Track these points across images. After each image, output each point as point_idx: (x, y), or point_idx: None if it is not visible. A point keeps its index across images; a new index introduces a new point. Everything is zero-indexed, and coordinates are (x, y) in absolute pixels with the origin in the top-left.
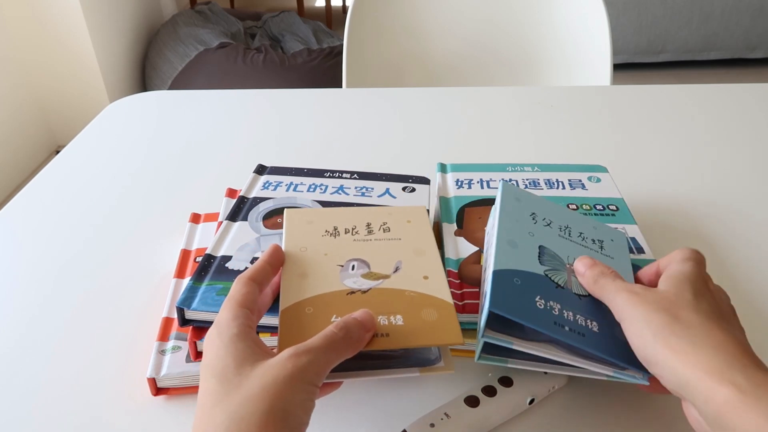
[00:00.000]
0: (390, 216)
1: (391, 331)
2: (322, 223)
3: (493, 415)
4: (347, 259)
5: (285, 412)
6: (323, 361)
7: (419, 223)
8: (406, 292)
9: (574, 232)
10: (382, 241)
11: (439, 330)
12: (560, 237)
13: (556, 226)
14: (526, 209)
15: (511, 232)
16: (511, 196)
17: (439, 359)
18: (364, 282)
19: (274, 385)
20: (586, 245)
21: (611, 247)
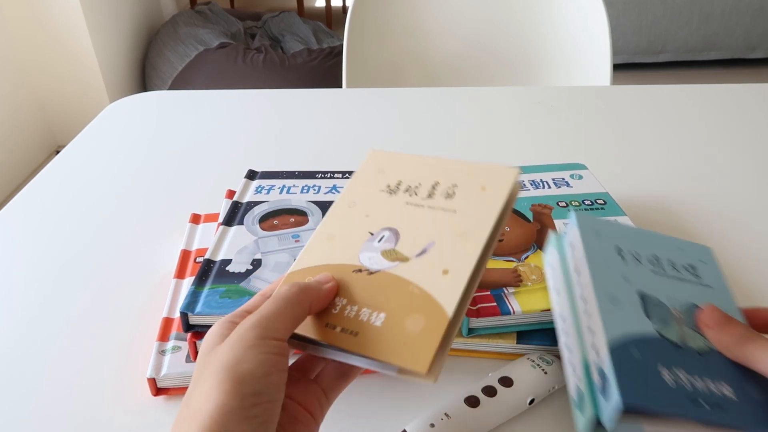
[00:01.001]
0: (468, 177)
1: (363, 330)
2: (392, 173)
3: (493, 415)
4: (381, 227)
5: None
6: (275, 313)
7: (494, 192)
8: (411, 287)
9: (664, 261)
10: (434, 210)
11: (411, 348)
12: (654, 274)
13: (644, 258)
14: (609, 244)
15: (608, 283)
16: (590, 230)
17: None
18: (379, 260)
19: (228, 346)
20: (683, 277)
21: (705, 271)
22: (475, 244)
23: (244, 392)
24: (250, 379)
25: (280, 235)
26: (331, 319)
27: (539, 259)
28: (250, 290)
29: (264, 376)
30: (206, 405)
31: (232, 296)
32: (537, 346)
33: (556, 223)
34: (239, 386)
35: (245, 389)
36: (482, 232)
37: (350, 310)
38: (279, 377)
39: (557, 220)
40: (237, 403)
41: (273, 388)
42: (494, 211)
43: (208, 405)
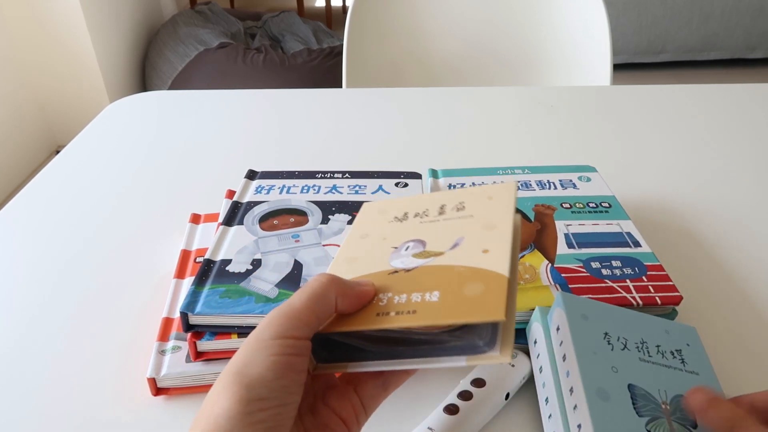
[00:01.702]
0: (470, 195)
1: (420, 307)
2: (394, 210)
3: (475, 418)
4: (404, 241)
5: (235, 370)
6: (297, 308)
7: (502, 199)
8: (456, 268)
9: (651, 346)
10: (451, 220)
11: (477, 305)
12: (642, 361)
13: (632, 344)
14: (596, 329)
15: (596, 375)
16: (577, 315)
17: (491, 344)
18: (412, 261)
19: (244, 345)
20: (669, 364)
21: (691, 356)
22: (505, 228)
23: (250, 397)
24: (258, 383)
25: (280, 235)
26: (380, 309)
27: (535, 258)
28: (250, 290)
29: (274, 380)
30: (213, 409)
31: (232, 296)
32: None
33: (557, 224)
34: (245, 391)
35: (251, 394)
36: (507, 220)
37: (399, 298)
38: (292, 380)
39: (558, 221)
40: (242, 408)
41: (284, 392)
42: (510, 207)
43: (215, 409)
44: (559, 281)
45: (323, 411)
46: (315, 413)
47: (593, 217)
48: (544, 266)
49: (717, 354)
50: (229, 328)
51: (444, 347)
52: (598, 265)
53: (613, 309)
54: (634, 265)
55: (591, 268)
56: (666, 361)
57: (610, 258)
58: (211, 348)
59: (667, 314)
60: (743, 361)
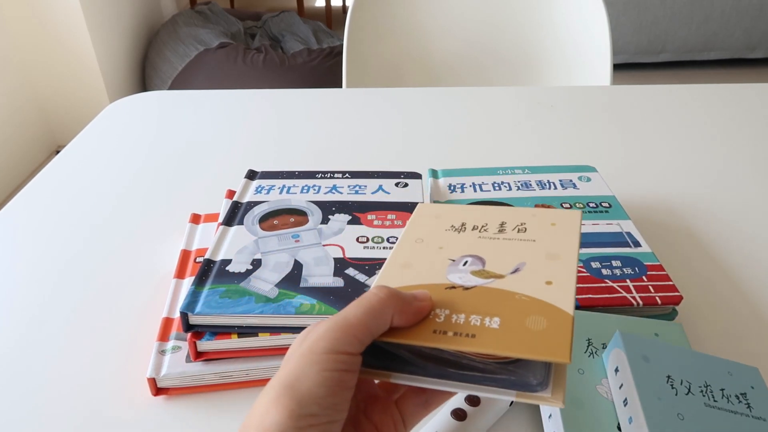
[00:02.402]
0: (533, 217)
1: (480, 332)
2: (450, 218)
3: (480, 423)
4: (462, 254)
5: (287, 383)
6: (352, 323)
7: (566, 227)
8: (517, 295)
9: (716, 390)
10: (512, 241)
11: (542, 341)
12: (707, 407)
13: (696, 388)
14: (659, 372)
15: (662, 423)
16: (638, 356)
17: (544, 385)
18: (471, 278)
19: (296, 357)
20: (735, 409)
21: (756, 399)
22: (570, 260)
23: (301, 413)
24: (309, 399)
25: (280, 235)
26: (436, 326)
27: None
28: (250, 290)
29: (325, 397)
30: (263, 420)
31: (232, 296)
32: None
33: None
34: (297, 407)
35: (302, 410)
36: (572, 252)
37: (457, 317)
38: (342, 397)
39: None
40: (292, 423)
41: (333, 410)
42: (575, 237)
43: (265, 421)
44: None
45: (364, 424)
46: (356, 425)
47: (593, 217)
48: None
49: (717, 354)
50: (229, 328)
51: (494, 378)
52: (598, 265)
53: (673, 349)
54: (634, 265)
55: (591, 268)
56: (731, 406)
57: (610, 258)
58: (211, 348)
59: (667, 314)
60: (743, 361)
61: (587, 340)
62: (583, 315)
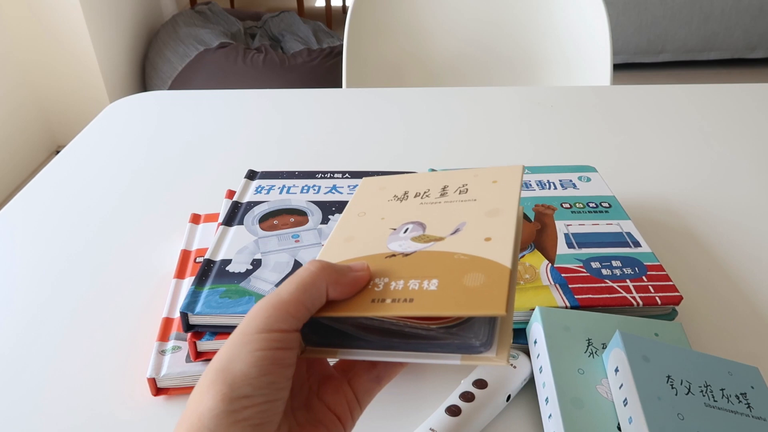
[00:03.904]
0: (474, 177)
1: (418, 296)
2: (394, 188)
3: (476, 419)
4: (403, 222)
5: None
6: (285, 300)
7: (507, 183)
8: (456, 255)
9: (715, 389)
10: (452, 203)
11: (478, 297)
12: (707, 407)
13: (696, 388)
14: (659, 372)
15: (662, 423)
16: (638, 356)
17: (487, 345)
18: (411, 245)
19: (229, 340)
20: (735, 409)
21: (756, 399)
22: (509, 215)
23: (234, 395)
24: (242, 381)
25: (280, 235)
26: (375, 295)
27: (535, 258)
28: (250, 290)
29: (259, 377)
30: (198, 407)
31: (232, 296)
32: (520, 345)
33: (557, 224)
34: (229, 390)
35: (234, 393)
36: (512, 206)
37: (396, 284)
38: (280, 375)
39: (558, 221)
40: (225, 406)
41: (270, 388)
42: (515, 192)
43: (199, 407)
44: (559, 281)
45: (317, 406)
46: (309, 409)
47: (593, 217)
48: (544, 266)
49: (717, 354)
50: (229, 328)
51: (439, 343)
52: (598, 265)
53: (673, 349)
54: (634, 265)
55: (591, 268)
56: (732, 406)
57: (610, 258)
58: (211, 348)
59: (667, 314)
60: (743, 361)
61: (587, 340)
62: (583, 315)
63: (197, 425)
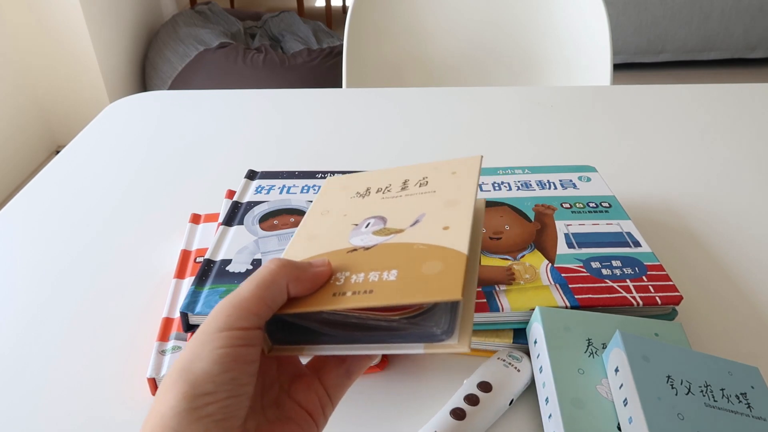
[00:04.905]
0: (435, 170)
1: (377, 287)
2: (356, 185)
3: (480, 423)
4: (365, 218)
5: (181, 367)
6: (245, 298)
7: (465, 174)
8: (415, 246)
9: (716, 390)
10: (413, 196)
11: (435, 284)
12: (707, 407)
13: (696, 388)
14: (659, 372)
15: (662, 423)
16: (638, 356)
17: (449, 333)
18: (372, 238)
19: (191, 340)
20: (735, 409)
21: (756, 399)
22: (466, 204)
23: (196, 393)
24: (204, 379)
25: (280, 235)
26: (336, 289)
27: (535, 258)
28: None
29: (221, 374)
30: (159, 407)
31: None
32: (521, 345)
33: (557, 224)
34: (190, 387)
35: (196, 390)
36: (469, 195)
37: (356, 277)
38: (242, 371)
39: (558, 221)
40: (187, 404)
41: (233, 384)
42: (472, 182)
43: (161, 407)
44: (559, 281)
45: (288, 404)
46: (279, 406)
47: (593, 217)
48: (544, 266)
49: (717, 354)
50: None
51: (402, 334)
52: (598, 265)
53: (673, 349)
54: (634, 265)
55: (591, 268)
56: (732, 406)
57: (610, 258)
58: None
59: (667, 314)
60: (743, 361)
61: (587, 340)
62: (583, 315)
63: (160, 424)
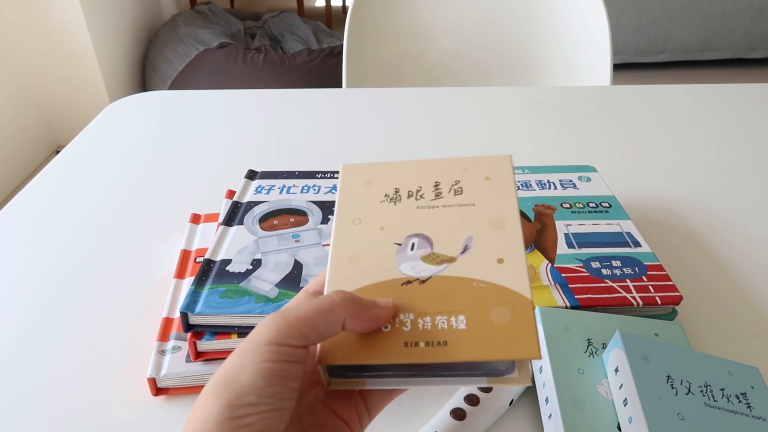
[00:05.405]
0: (465, 171)
1: (451, 338)
2: (382, 183)
3: (479, 424)
4: (407, 235)
5: (227, 376)
6: (299, 317)
7: (500, 180)
8: (474, 283)
9: (716, 390)
10: (451, 208)
11: (510, 338)
12: (707, 407)
13: (696, 388)
14: (659, 372)
15: (662, 423)
16: (638, 356)
17: (512, 369)
18: (424, 267)
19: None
20: (735, 409)
21: (756, 399)
22: (512, 228)
23: (238, 403)
24: (247, 389)
25: (280, 235)
26: (406, 337)
27: (535, 258)
28: (250, 290)
29: (264, 387)
30: (203, 412)
31: (232, 296)
32: None
33: (557, 224)
34: (234, 397)
35: (239, 400)
36: (513, 215)
37: (423, 322)
38: (285, 386)
39: (558, 221)
40: (229, 413)
41: (275, 398)
42: (512, 194)
43: (204, 412)
44: (559, 281)
45: (323, 412)
46: (315, 414)
47: (593, 217)
48: (544, 266)
49: (717, 354)
50: (229, 328)
51: (466, 371)
52: (598, 265)
53: (673, 349)
54: (634, 265)
55: (591, 268)
56: (732, 406)
57: (610, 258)
58: (211, 348)
59: (667, 314)
60: (743, 361)
61: (587, 340)
62: (583, 315)
63: (201, 429)
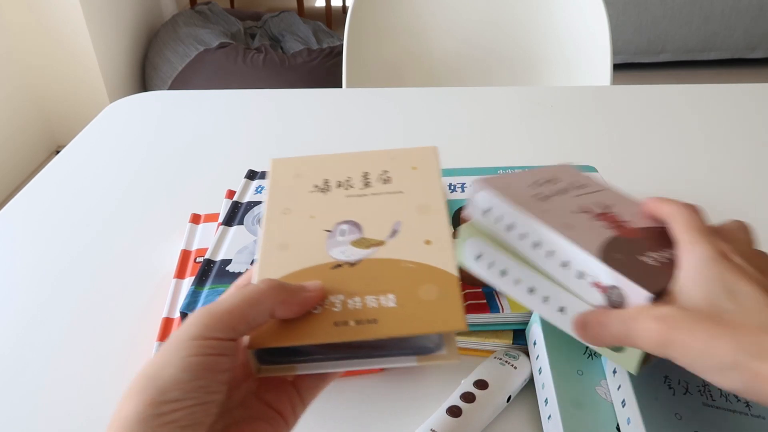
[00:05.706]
0: (392, 161)
1: (381, 315)
2: (311, 175)
3: (477, 420)
4: (336, 222)
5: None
6: (226, 310)
7: (427, 170)
8: (402, 263)
9: (713, 389)
10: (380, 196)
11: (438, 313)
12: (705, 406)
13: (693, 387)
14: (656, 372)
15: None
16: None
17: (440, 346)
18: (354, 251)
19: (164, 346)
20: (734, 408)
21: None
22: (440, 211)
23: (162, 400)
24: (172, 385)
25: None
26: (336, 317)
27: None
28: None
29: (189, 381)
30: (124, 411)
31: None
32: (520, 346)
33: None
34: (158, 394)
35: (163, 397)
36: (439, 200)
37: (353, 302)
38: (212, 380)
39: None
40: (152, 410)
41: (201, 392)
42: (437, 181)
43: (126, 412)
44: None
45: (256, 404)
46: (247, 406)
47: None
48: None
49: None
50: None
51: (392, 349)
52: None
53: None
54: None
55: None
56: (730, 405)
57: None
58: None
59: None
60: None
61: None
62: None
63: (123, 428)
